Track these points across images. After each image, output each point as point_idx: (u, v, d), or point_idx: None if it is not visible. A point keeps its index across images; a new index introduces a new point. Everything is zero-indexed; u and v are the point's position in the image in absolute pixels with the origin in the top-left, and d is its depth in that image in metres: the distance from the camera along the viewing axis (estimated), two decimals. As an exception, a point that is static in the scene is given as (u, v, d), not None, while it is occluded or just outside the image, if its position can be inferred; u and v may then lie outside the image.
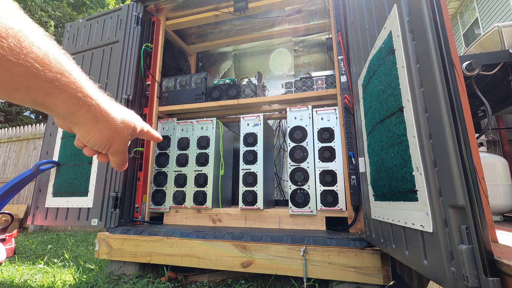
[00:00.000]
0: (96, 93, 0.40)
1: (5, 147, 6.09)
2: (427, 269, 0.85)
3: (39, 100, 0.33)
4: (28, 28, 0.30)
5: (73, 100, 0.36)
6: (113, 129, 0.42)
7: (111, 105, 0.43)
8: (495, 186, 1.68)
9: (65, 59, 0.35)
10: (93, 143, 0.42)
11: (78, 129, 0.40)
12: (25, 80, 0.30)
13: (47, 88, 0.32)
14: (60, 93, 0.34)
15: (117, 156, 0.46)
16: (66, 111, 0.36)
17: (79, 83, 0.36)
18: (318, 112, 2.16)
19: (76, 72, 0.36)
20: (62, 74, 0.33)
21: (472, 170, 0.69)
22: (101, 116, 0.40)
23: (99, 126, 0.40)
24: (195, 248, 1.84)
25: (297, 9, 2.99)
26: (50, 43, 0.33)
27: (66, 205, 2.31)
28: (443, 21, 0.79)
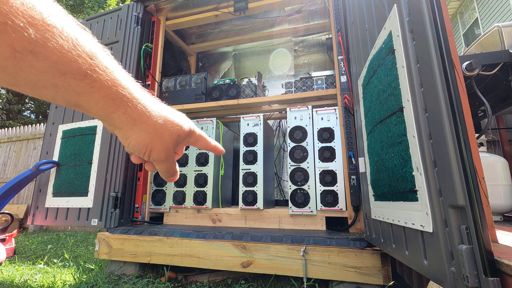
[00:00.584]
0: (135, 90, 0.35)
1: (5, 147, 6.10)
2: (427, 269, 0.85)
3: (72, 100, 0.29)
4: (54, 15, 0.26)
5: (107, 100, 0.32)
6: (152, 132, 0.37)
7: (152, 104, 0.38)
8: (495, 186, 1.68)
9: (98, 51, 0.30)
10: (132, 149, 0.37)
11: (118, 132, 0.36)
12: (51, 77, 0.27)
13: (78, 87, 0.29)
14: (93, 93, 0.30)
15: (161, 165, 0.40)
16: (102, 113, 0.33)
17: (116, 80, 0.32)
18: (318, 112, 2.16)
19: (113, 65, 0.32)
20: (94, 71, 0.29)
21: (472, 170, 0.69)
22: (139, 118, 0.35)
23: (136, 129, 0.36)
24: (195, 248, 1.84)
25: (297, 9, 2.99)
26: (80, 33, 0.29)
27: (66, 205, 2.31)
28: (443, 21, 0.79)
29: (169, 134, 0.38)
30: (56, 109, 2.64)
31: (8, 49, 0.23)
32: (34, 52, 0.24)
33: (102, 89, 0.30)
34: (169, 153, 0.39)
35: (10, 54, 0.24)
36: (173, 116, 0.39)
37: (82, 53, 0.28)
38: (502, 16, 6.88)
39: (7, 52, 0.23)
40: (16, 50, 0.24)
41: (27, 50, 0.24)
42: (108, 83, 0.31)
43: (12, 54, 0.24)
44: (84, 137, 2.39)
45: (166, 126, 0.38)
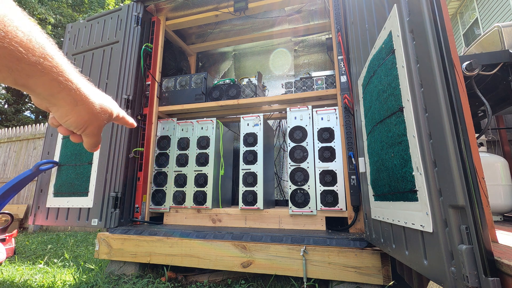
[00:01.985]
0: (77, 78, 0.42)
1: (5, 147, 6.09)
2: (427, 269, 0.85)
3: (21, 81, 0.35)
4: (13, 13, 0.32)
5: (54, 83, 0.38)
6: (91, 112, 0.45)
7: (91, 90, 0.45)
8: (495, 186, 1.68)
9: (48, 44, 0.36)
10: (69, 124, 0.44)
11: (56, 109, 0.42)
12: (8, 62, 0.32)
13: (30, 71, 0.34)
14: (42, 76, 0.36)
15: (91, 138, 0.48)
16: (46, 93, 0.38)
17: (61, 67, 0.38)
18: (318, 112, 2.16)
19: (58, 56, 0.38)
20: (45, 58, 0.35)
21: (472, 170, 0.69)
22: (80, 100, 0.42)
23: (77, 109, 0.43)
24: (195, 248, 1.84)
25: (297, 9, 2.99)
26: (34, 28, 0.34)
27: (66, 205, 2.31)
28: (443, 21, 0.79)
29: (104, 114, 0.48)
30: (56, 109, 2.63)
31: None
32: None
33: (50, 73, 0.36)
34: (100, 130, 0.49)
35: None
36: (106, 101, 0.49)
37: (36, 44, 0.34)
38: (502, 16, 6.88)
39: None
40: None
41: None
42: (56, 69, 0.37)
43: None
44: (84, 137, 2.39)
45: (101, 108, 0.47)
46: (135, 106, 2.43)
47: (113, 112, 0.51)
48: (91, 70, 2.57)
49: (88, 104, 0.44)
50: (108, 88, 2.43)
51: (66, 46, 2.80)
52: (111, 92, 2.40)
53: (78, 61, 2.68)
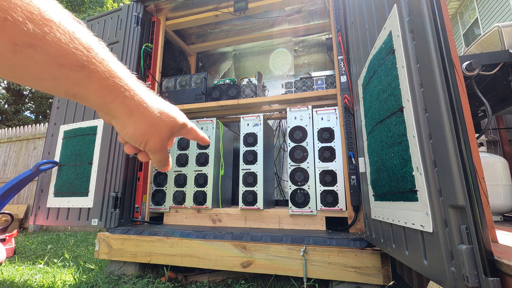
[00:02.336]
0: (131, 82, 0.36)
1: (5, 147, 6.10)
2: (427, 269, 0.85)
3: (71, 91, 0.31)
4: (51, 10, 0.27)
5: (105, 91, 0.32)
6: (149, 123, 0.38)
7: (148, 96, 0.39)
8: (495, 186, 1.68)
9: (95, 44, 0.31)
10: (129, 138, 0.39)
11: (116, 122, 0.37)
12: (50, 68, 0.27)
13: (76, 78, 0.30)
14: (91, 83, 0.31)
15: (156, 155, 0.41)
16: (100, 103, 0.33)
17: (112, 72, 0.33)
18: (318, 112, 2.16)
19: (108, 58, 0.33)
20: (91, 62, 0.30)
21: (472, 170, 0.69)
22: (136, 108, 0.36)
23: (134, 119, 0.37)
24: (195, 248, 1.84)
25: (297, 9, 2.99)
26: (76, 26, 0.30)
27: (67, 205, 2.31)
28: (443, 21, 0.79)
29: (164, 125, 0.40)
30: (58, 110, 2.64)
31: (9, 43, 0.24)
32: (33, 45, 0.25)
33: (99, 80, 0.31)
34: (164, 144, 0.41)
35: (11, 48, 0.25)
36: (168, 109, 0.41)
37: (79, 46, 0.29)
38: (502, 16, 6.88)
39: (8, 45, 0.25)
40: (16, 44, 0.25)
41: (26, 44, 0.25)
42: (105, 74, 0.32)
43: (12, 48, 0.25)
44: (84, 137, 2.39)
45: (161, 118, 0.39)
46: (135, 106, 2.43)
47: (178, 120, 0.42)
48: (91, 70, 2.57)
49: (145, 112, 0.37)
50: (108, 88, 2.43)
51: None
52: (111, 92, 2.40)
53: (78, 61, 2.67)
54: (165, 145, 0.42)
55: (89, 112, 2.47)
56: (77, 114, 2.52)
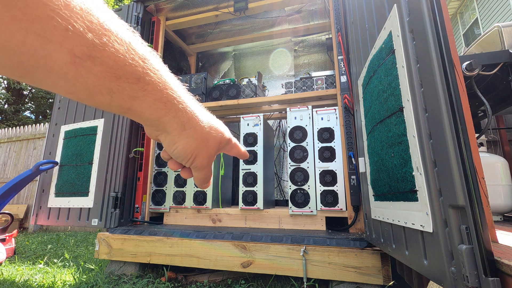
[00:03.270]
0: (183, 93, 0.34)
1: (5, 147, 6.10)
2: (427, 269, 0.85)
3: (126, 105, 0.29)
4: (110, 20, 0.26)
5: (159, 104, 0.31)
6: (200, 138, 0.36)
7: (199, 109, 0.37)
8: (495, 186, 1.68)
9: (149, 55, 0.30)
10: (177, 155, 0.36)
11: (165, 137, 0.35)
12: (107, 81, 0.26)
13: (132, 91, 0.28)
14: (146, 96, 0.29)
15: (201, 172, 0.39)
16: (153, 117, 0.32)
17: (167, 83, 0.31)
18: (318, 112, 2.16)
19: (162, 68, 0.31)
20: (147, 74, 0.29)
21: (472, 170, 0.69)
22: (188, 122, 0.35)
23: (185, 134, 0.35)
24: (195, 248, 1.84)
25: (297, 9, 2.99)
26: (132, 37, 0.28)
27: (67, 205, 2.31)
28: (443, 21, 0.79)
29: (213, 141, 0.38)
30: (59, 110, 2.64)
31: (69, 55, 0.23)
32: (92, 57, 0.24)
33: (154, 92, 0.30)
34: (210, 160, 0.39)
35: (71, 60, 0.23)
36: (216, 123, 0.40)
37: (135, 56, 0.28)
38: (502, 16, 6.88)
39: (68, 58, 0.23)
40: (76, 56, 0.23)
41: (86, 55, 0.24)
42: (159, 86, 0.30)
43: (72, 60, 0.23)
44: (85, 137, 2.39)
45: (211, 133, 0.38)
46: (135, 106, 2.43)
47: (225, 136, 0.41)
48: (91, 70, 2.57)
49: (197, 127, 0.35)
50: (108, 88, 2.43)
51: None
52: (111, 92, 2.40)
53: (78, 61, 2.67)
54: (211, 162, 0.40)
55: (90, 112, 2.47)
56: (78, 115, 2.53)
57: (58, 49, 0.22)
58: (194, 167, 0.38)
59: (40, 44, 0.21)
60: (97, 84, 0.26)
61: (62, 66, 0.23)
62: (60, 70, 0.23)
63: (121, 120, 2.31)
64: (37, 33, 0.21)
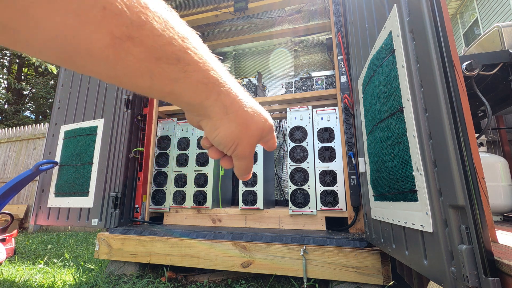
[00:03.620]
0: (226, 75, 0.32)
1: (5, 147, 6.10)
2: (427, 269, 0.85)
3: (167, 88, 0.27)
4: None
5: (200, 86, 0.29)
6: (242, 123, 0.33)
7: (241, 92, 0.34)
8: (495, 186, 1.68)
9: (189, 34, 0.28)
10: (218, 141, 0.34)
11: (206, 123, 0.33)
12: (147, 63, 0.25)
13: (172, 72, 0.26)
14: (187, 78, 0.28)
15: (242, 161, 0.36)
16: (194, 100, 0.30)
17: (207, 63, 0.29)
18: (318, 112, 2.16)
19: (202, 47, 0.29)
20: (187, 53, 0.27)
21: (472, 170, 0.69)
22: (231, 105, 0.32)
23: (227, 119, 0.32)
24: (195, 248, 1.84)
25: (297, 9, 2.99)
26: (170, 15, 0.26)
27: (67, 205, 2.31)
28: (443, 21, 0.79)
29: (256, 128, 0.35)
30: (59, 110, 2.64)
31: (108, 37, 0.22)
32: (132, 37, 0.23)
33: (195, 73, 0.28)
34: (253, 149, 0.36)
35: (111, 42, 0.22)
36: (259, 108, 0.36)
37: (175, 35, 0.26)
38: (502, 16, 6.88)
39: (107, 39, 0.22)
40: (116, 37, 0.22)
41: (125, 36, 0.23)
42: (200, 67, 0.28)
43: (112, 42, 0.22)
44: (85, 137, 2.39)
45: (254, 119, 0.35)
46: (135, 106, 2.43)
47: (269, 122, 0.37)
48: (91, 70, 2.57)
49: (239, 111, 0.33)
50: (108, 88, 2.44)
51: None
52: (111, 92, 2.40)
53: (78, 61, 2.68)
54: (253, 151, 0.37)
55: (90, 112, 2.47)
56: (78, 114, 2.53)
57: (97, 30, 0.21)
58: (236, 156, 0.36)
59: (79, 25, 0.20)
60: (137, 66, 0.24)
61: (103, 48, 0.22)
62: (100, 53, 0.22)
63: (121, 120, 2.31)
64: (75, 13, 0.20)
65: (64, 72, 2.75)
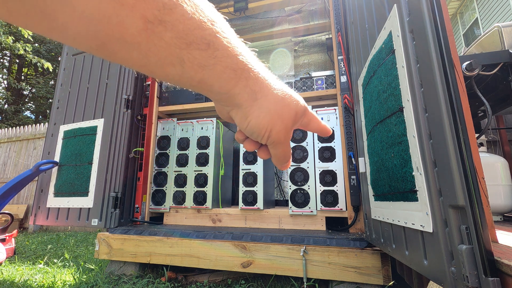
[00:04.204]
0: (254, 60, 0.30)
1: (5, 147, 6.10)
2: (427, 269, 0.85)
3: (197, 76, 0.26)
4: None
5: (229, 72, 0.28)
6: (273, 109, 0.32)
7: (269, 74, 0.33)
8: (495, 186, 1.68)
9: (218, 17, 0.27)
10: (251, 130, 0.32)
11: (236, 113, 0.31)
12: (178, 49, 0.24)
13: (202, 59, 0.25)
14: (216, 64, 0.26)
15: (278, 148, 0.35)
16: (223, 89, 0.29)
17: (237, 48, 0.28)
18: (318, 112, 2.16)
19: (231, 33, 0.28)
20: (216, 37, 0.26)
21: (472, 170, 0.69)
22: (260, 91, 0.31)
23: (256, 105, 0.31)
24: (195, 248, 1.84)
25: (297, 9, 2.99)
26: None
27: (67, 205, 2.31)
28: (443, 21, 0.79)
29: (288, 111, 0.33)
30: (58, 110, 2.64)
31: (141, 21, 0.21)
32: (164, 22, 0.22)
33: (224, 59, 0.27)
34: (288, 134, 0.35)
35: (143, 26, 0.21)
36: (290, 90, 0.35)
37: (204, 19, 0.25)
38: (502, 16, 6.88)
39: (140, 24, 0.21)
40: (149, 21, 0.21)
41: (157, 20, 0.22)
42: (229, 52, 0.27)
43: (144, 26, 0.21)
44: (84, 137, 2.39)
45: (285, 101, 0.33)
46: (135, 106, 2.43)
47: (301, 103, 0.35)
48: (91, 70, 2.58)
49: (269, 95, 0.31)
50: (108, 88, 2.43)
51: (66, 47, 2.79)
52: (111, 92, 2.40)
53: (78, 61, 2.68)
54: (289, 136, 0.35)
55: (89, 112, 2.47)
56: (77, 114, 2.53)
57: (130, 13, 0.21)
58: (271, 143, 0.34)
59: (113, 9, 0.20)
60: (168, 53, 0.24)
61: (135, 34, 0.22)
62: (133, 39, 0.22)
63: (121, 120, 2.31)
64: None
65: (63, 71, 2.75)
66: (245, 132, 0.33)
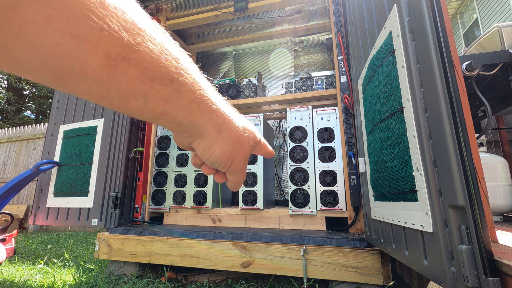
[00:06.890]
0: (216, 95, 0.33)
1: (5, 147, 6.10)
2: (427, 269, 0.85)
3: (159, 109, 0.27)
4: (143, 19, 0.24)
5: (193, 105, 0.29)
6: (236, 140, 0.35)
7: (230, 110, 0.35)
8: (495, 186, 1.68)
9: (181, 55, 0.28)
10: (214, 160, 0.34)
11: (199, 143, 0.33)
12: (141, 84, 0.25)
13: (166, 93, 0.27)
14: (179, 98, 0.28)
15: (236, 175, 0.38)
16: (187, 120, 0.30)
17: (199, 84, 0.30)
18: (318, 112, 2.16)
19: (194, 69, 0.30)
20: (180, 74, 0.27)
21: (472, 170, 0.69)
22: (224, 124, 0.33)
23: (221, 137, 0.33)
24: (195, 248, 1.84)
25: (297, 9, 2.98)
26: (164, 37, 0.27)
27: (67, 205, 2.31)
28: (443, 21, 0.79)
29: (247, 142, 0.37)
30: (58, 110, 2.64)
31: (104, 58, 0.22)
32: (127, 58, 0.23)
33: (188, 93, 0.28)
34: (246, 162, 0.38)
35: (105, 63, 0.22)
36: (247, 123, 0.38)
37: (169, 57, 0.26)
38: (502, 16, 6.88)
39: (102, 60, 0.22)
40: (111, 58, 0.22)
41: (120, 57, 0.23)
42: (193, 87, 0.29)
43: (106, 63, 0.22)
44: (84, 137, 2.39)
45: (244, 133, 0.36)
46: (135, 106, 2.43)
47: (256, 135, 0.39)
48: (91, 70, 2.57)
49: (232, 128, 0.34)
50: (108, 88, 2.43)
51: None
52: (111, 92, 2.40)
53: (78, 61, 2.67)
54: (247, 164, 0.39)
55: (89, 112, 2.47)
56: (77, 114, 2.53)
57: (93, 51, 0.21)
58: (231, 171, 0.37)
59: (74, 46, 0.20)
60: (131, 87, 0.24)
61: (97, 70, 0.22)
62: (94, 74, 0.22)
63: (121, 120, 2.31)
64: (72, 33, 0.20)
65: (64, 72, 2.74)
66: (206, 161, 0.35)
